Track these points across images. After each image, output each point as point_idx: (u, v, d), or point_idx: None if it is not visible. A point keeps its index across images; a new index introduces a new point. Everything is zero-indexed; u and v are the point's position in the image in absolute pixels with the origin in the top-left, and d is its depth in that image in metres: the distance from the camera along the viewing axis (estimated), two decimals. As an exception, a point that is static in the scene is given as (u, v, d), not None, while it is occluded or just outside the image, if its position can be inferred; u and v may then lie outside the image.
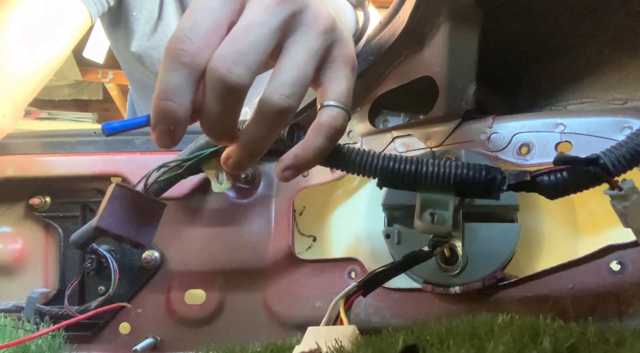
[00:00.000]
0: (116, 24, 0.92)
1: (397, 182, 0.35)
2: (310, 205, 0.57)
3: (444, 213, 0.36)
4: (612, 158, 0.30)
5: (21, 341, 0.40)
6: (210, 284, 0.53)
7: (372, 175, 0.35)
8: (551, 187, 0.32)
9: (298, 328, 0.49)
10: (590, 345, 0.26)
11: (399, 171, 0.34)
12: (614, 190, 0.30)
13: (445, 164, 0.34)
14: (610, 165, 0.30)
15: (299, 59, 0.30)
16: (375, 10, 0.98)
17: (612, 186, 0.31)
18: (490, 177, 0.33)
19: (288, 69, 0.30)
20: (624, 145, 0.30)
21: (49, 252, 0.57)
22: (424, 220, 0.36)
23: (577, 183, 0.31)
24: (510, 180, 0.33)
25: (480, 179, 0.33)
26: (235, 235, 0.54)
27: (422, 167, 0.34)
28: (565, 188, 0.32)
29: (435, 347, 0.28)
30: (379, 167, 0.34)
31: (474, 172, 0.34)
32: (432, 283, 0.43)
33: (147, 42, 0.91)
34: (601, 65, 0.48)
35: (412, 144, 0.48)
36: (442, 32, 0.44)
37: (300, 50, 0.31)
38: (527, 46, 0.51)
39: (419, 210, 0.36)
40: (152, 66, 0.95)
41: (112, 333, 0.54)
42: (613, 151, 0.30)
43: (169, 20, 0.92)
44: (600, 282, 0.39)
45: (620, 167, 0.30)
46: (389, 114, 0.53)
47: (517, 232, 0.42)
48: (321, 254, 0.55)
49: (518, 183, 0.33)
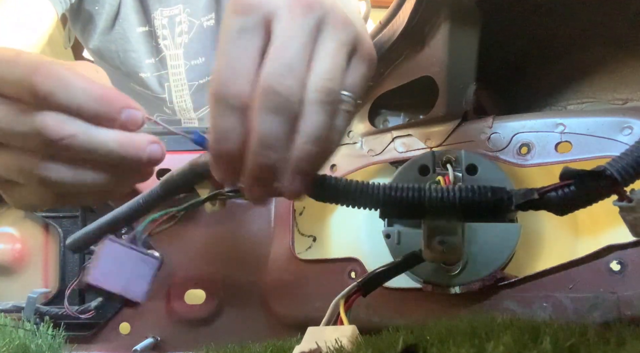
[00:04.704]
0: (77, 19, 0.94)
1: (402, 211, 0.34)
2: (310, 205, 0.57)
3: (453, 239, 0.35)
4: (619, 168, 0.29)
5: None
6: (210, 284, 0.53)
7: (373, 207, 0.34)
8: (560, 203, 0.31)
9: (298, 328, 0.49)
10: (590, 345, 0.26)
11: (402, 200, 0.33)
12: (623, 201, 0.30)
13: (449, 188, 0.33)
14: (617, 176, 0.29)
15: (331, 50, 0.32)
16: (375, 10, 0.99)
17: (621, 197, 0.30)
18: (498, 198, 0.32)
19: (325, 60, 0.31)
20: (629, 154, 0.29)
21: (49, 252, 0.57)
22: (434, 250, 0.35)
23: (585, 197, 0.30)
24: (517, 200, 0.32)
25: (486, 202, 0.32)
26: (235, 235, 0.54)
27: (426, 193, 0.33)
28: (574, 203, 0.31)
29: (435, 347, 0.28)
30: (380, 198, 0.33)
31: (479, 195, 0.32)
32: (432, 283, 0.43)
33: (106, 36, 0.94)
34: (601, 65, 0.48)
35: (412, 144, 0.48)
36: (442, 32, 0.44)
37: (330, 43, 0.32)
38: (527, 46, 0.51)
39: (427, 238, 0.36)
40: (112, 60, 0.97)
41: (112, 333, 0.54)
42: (619, 161, 0.29)
43: (127, 14, 0.94)
44: (600, 282, 0.38)
45: (628, 177, 0.29)
46: (389, 114, 0.53)
47: (517, 232, 0.42)
48: (321, 254, 0.55)
49: (526, 203, 0.32)
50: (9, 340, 0.44)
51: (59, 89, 0.31)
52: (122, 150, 0.33)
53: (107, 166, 0.34)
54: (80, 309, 0.51)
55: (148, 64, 1.00)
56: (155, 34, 0.98)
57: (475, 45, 0.45)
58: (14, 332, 0.46)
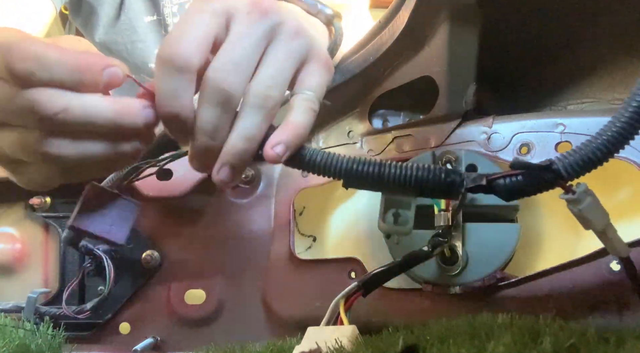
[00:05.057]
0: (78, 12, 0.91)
1: (362, 183, 0.36)
2: (310, 205, 0.57)
3: (406, 213, 0.37)
4: (566, 164, 0.31)
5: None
6: (210, 284, 0.53)
7: (336, 176, 0.36)
8: (507, 190, 0.33)
9: (298, 328, 0.49)
10: (590, 345, 0.26)
11: (363, 173, 0.35)
12: (568, 194, 0.32)
13: (407, 166, 0.35)
14: (563, 170, 0.31)
15: (279, 57, 0.34)
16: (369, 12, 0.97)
17: (565, 190, 0.32)
18: (450, 180, 0.35)
19: (270, 66, 0.34)
20: (578, 152, 0.31)
21: (49, 252, 0.57)
22: (387, 221, 0.37)
23: (531, 187, 0.33)
24: (468, 184, 0.34)
25: (440, 182, 0.35)
26: (235, 235, 0.54)
27: (385, 169, 0.35)
28: (520, 191, 0.33)
29: (435, 347, 0.28)
30: (343, 169, 0.35)
31: (433, 175, 0.35)
32: (432, 283, 0.43)
33: (112, 28, 0.91)
34: (601, 65, 0.48)
35: (412, 144, 0.48)
36: (442, 32, 0.44)
37: (280, 51, 0.34)
38: (527, 46, 0.51)
39: (383, 210, 0.37)
40: (119, 52, 0.94)
41: (112, 333, 0.54)
42: (567, 157, 0.32)
43: (133, 2, 0.91)
44: (600, 282, 0.38)
45: (573, 173, 0.31)
46: (389, 114, 0.53)
47: (517, 232, 0.42)
48: (321, 254, 0.55)
49: (475, 187, 0.34)
50: (9, 340, 0.44)
51: (36, 67, 0.30)
52: (118, 117, 0.33)
53: (107, 135, 0.34)
54: (77, 310, 0.51)
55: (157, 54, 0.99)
56: (164, 22, 0.94)
57: (475, 45, 0.45)
58: (14, 332, 0.46)
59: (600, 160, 0.31)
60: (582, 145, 0.32)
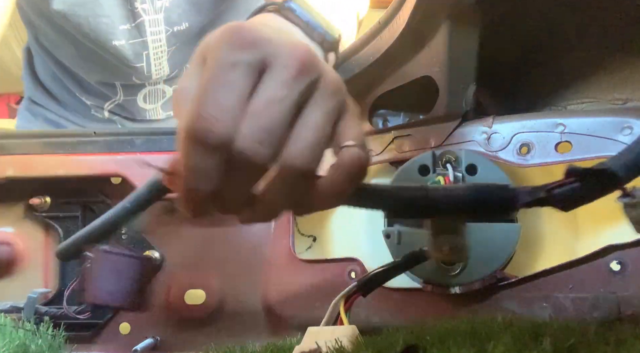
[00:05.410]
0: None
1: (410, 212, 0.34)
2: (310, 205, 0.57)
3: (458, 239, 0.35)
4: (621, 165, 0.29)
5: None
6: (210, 284, 0.53)
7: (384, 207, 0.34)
8: (564, 200, 0.31)
9: (298, 328, 0.49)
10: (590, 345, 0.26)
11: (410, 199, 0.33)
12: (627, 198, 0.30)
13: (455, 187, 0.33)
14: (620, 172, 0.29)
15: (318, 121, 0.30)
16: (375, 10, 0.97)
17: (624, 193, 0.30)
18: (504, 196, 0.32)
19: (309, 133, 0.29)
20: (630, 151, 0.30)
21: (49, 252, 0.57)
22: (440, 250, 0.35)
23: (589, 194, 0.31)
24: (524, 198, 0.32)
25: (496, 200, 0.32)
26: (235, 235, 0.54)
27: (433, 192, 0.33)
28: (578, 200, 0.31)
29: (435, 347, 0.28)
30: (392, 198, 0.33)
31: (487, 194, 0.32)
32: (432, 283, 0.43)
33: None
34: (601, 65, 0.48)
35: (412, 144, 0.48)
36: (442, 32, 0.44)
37: (318, 113, 0.30)
38: (527, 46, 0.51)
39: (433, 238, 0.35)
40: (79, 26, 0.85)
41: (112, 333, 0.54)
42: (620, 158, 0.30)
43: None
44: (600, 282, 0.39)
45: (630, 174, 0.29)
46: (389, 114, 0.53)
47: (517, 232, 0.42)
48: (321, 254, 0.55)
49: (533, 201, 0.32)
50: (9, 340, 0.44)
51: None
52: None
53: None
54: (78, 310, 0.51)
55: (122, 30, 0.86)
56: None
57: (475, 45, 0.45)
58: (14, 332, 0.46)
59: None
60: (632, 144, 0.30)
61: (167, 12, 0.86)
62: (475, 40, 0.45)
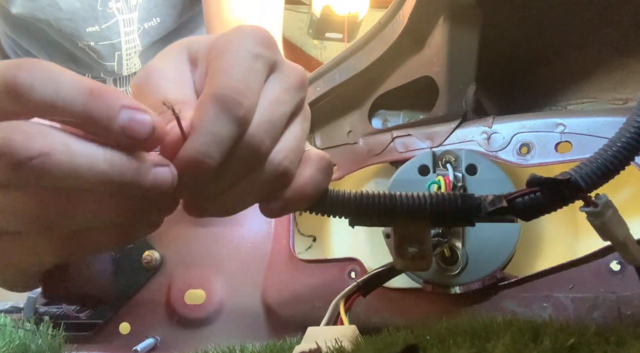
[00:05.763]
0: None
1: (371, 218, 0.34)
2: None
3: (423, 247, 0.35)
4: (583, 175, 0.30)
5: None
6: (210, 284, 0.53)
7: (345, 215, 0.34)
8: (526, 209, 0.32)
9: (298, 328, 0.49)
10: (590, 345, 0.26)
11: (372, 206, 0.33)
12: (589, 207, 0.30)
13: (419, 195, 0.33)
14: (582, 182, 0.30)
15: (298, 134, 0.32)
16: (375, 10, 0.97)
17: (587, 203, 0.30)
18: (468, 205, 0.33)
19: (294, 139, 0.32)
20: (593, 161, 0.30)
21: (49, 252, 0.57)
22: (404, 258, 0.35)
23: (551, 203, 0.31)
24: (487, 208, 0.32)
25: (456, 209, 0.33)
26: (235, 235, 0.54)
27: (396, 201, 0.33)
28: (540, 209, 0.32)
29: (435, 347, 0.28)
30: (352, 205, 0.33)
31: (449, 202, 0.33)
32: (432, 283, 0.43)
33: (31, 2, 0.79)
34: (601, 65, 0.48)
35: (412, 143, 0.48)
36: (442, 32, 0.44)
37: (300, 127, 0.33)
38: (527, 46, 0.51)
39: (397, 247, 0.35)
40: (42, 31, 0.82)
41: (112, 333, 0.54)
42: (583, 168, 0.30)
43: None
44: (600, 282, 0.38)
45: (592, 184, 0.30)
46: (389, 114, 0.53)
47: (517, 232, 0.42)
48: (321, 254, 0.55)
49: (495, 210, 0.32)
50: (9, 340, 0.44)
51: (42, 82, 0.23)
52: (114, 172, 0.25)
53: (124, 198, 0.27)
54: (77, 309, 0.51)
55: (90, 32, 0.84)
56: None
57: (475, 45, 0.45)
58: (14, 332, 0.46)
59: (618, 168, 0.30)
60: (597, 155, 0.30)
61: (141, 10, 0.85)
62: (475, 40, 0.45)
